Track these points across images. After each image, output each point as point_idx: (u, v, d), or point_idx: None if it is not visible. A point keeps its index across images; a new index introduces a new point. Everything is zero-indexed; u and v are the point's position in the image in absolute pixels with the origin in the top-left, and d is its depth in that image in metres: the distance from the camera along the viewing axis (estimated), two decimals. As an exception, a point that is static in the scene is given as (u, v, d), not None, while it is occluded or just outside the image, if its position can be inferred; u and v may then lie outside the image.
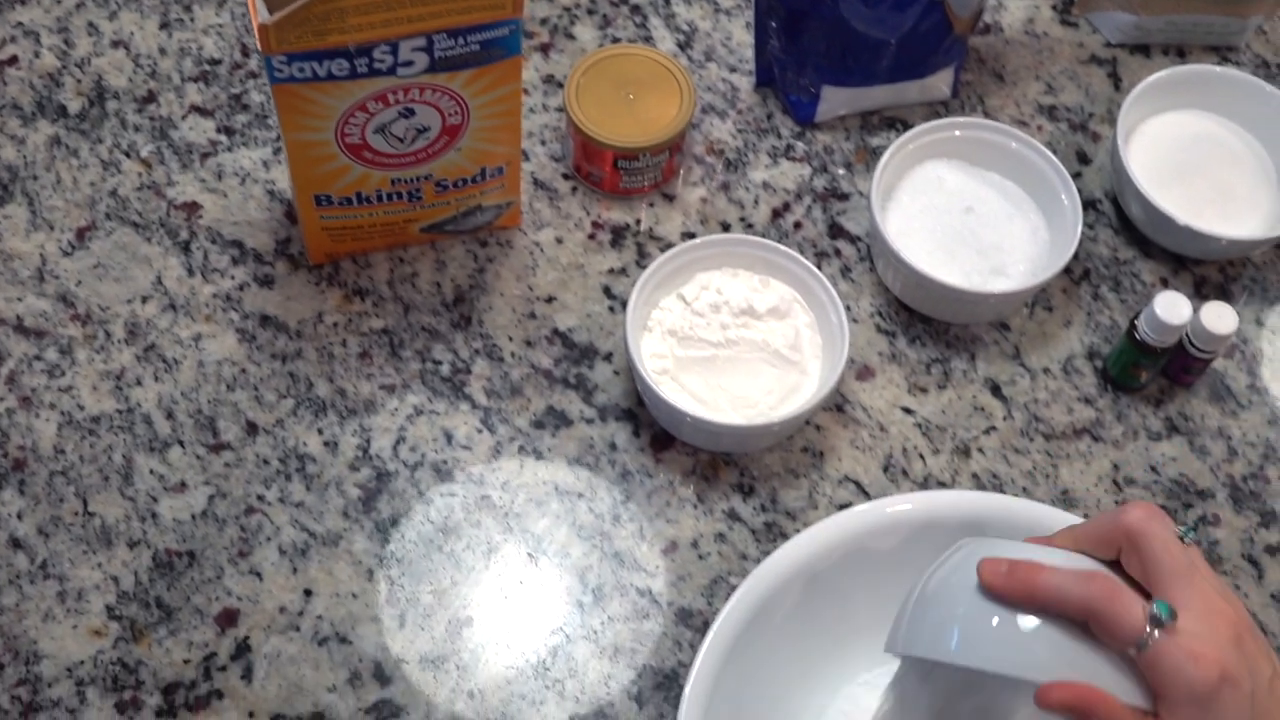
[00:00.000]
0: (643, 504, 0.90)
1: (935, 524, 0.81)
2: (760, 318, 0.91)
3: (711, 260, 0.93)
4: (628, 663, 0.85)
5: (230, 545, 0.87)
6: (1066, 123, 1.07)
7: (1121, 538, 0.66)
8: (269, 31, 0.77)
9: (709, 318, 0.91)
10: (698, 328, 0.91)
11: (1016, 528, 0.79)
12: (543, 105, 1.04)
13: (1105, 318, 0.98)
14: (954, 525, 0.81)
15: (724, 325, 0.91)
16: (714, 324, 0.91)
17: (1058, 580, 0.64)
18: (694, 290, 0.92)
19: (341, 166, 0.87)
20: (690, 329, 0.91)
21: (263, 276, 0.95)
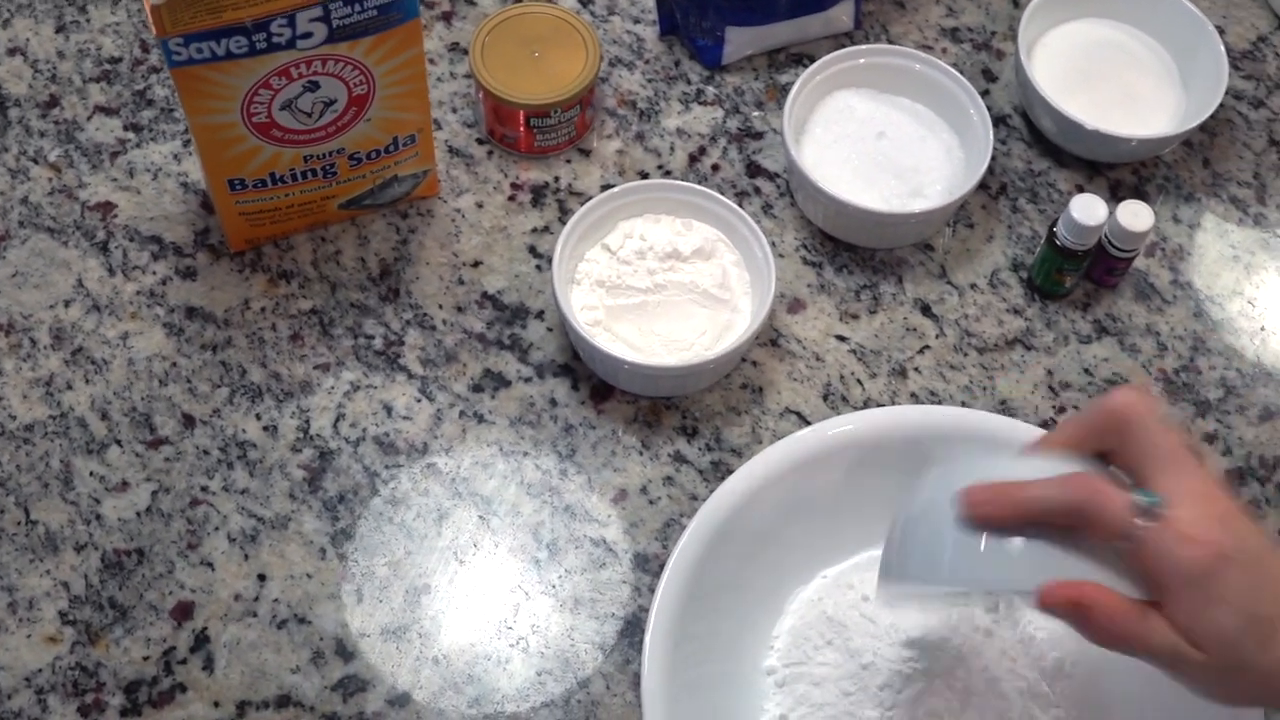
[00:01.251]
0: (588, 456, 0.90)
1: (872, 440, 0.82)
2: (686, 260, 0.92)
3: (632, 208, 0.93)
4: (589, 613, 0.85)
5: (179, 539, 0.86)
6: (970, 43, 1.08)
7: (1110, 423, 0.65)
8: (161, 13, 0.76)
9: (635, 265, 0.92)
10: (625, 276, 0.91)
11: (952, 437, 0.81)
12: (450, 74, 1.03)
13: (1026, 229, 0.99)
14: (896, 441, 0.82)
15: (651, 271, 0.91)
16: (641, 270, 0.91)
17: (1038, 492, 0.63)
18: (618, 239, 0.93)
19: (251, 148, 0.87)
20: (618, 278, 0.91)
21: (185, 269, 0.94)
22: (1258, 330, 0.97)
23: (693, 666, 0.78)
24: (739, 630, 0.82)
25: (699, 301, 0.91)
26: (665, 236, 0.92)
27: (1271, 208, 1.02)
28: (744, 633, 0.82)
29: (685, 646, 0.78)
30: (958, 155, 0.98)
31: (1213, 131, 1.04)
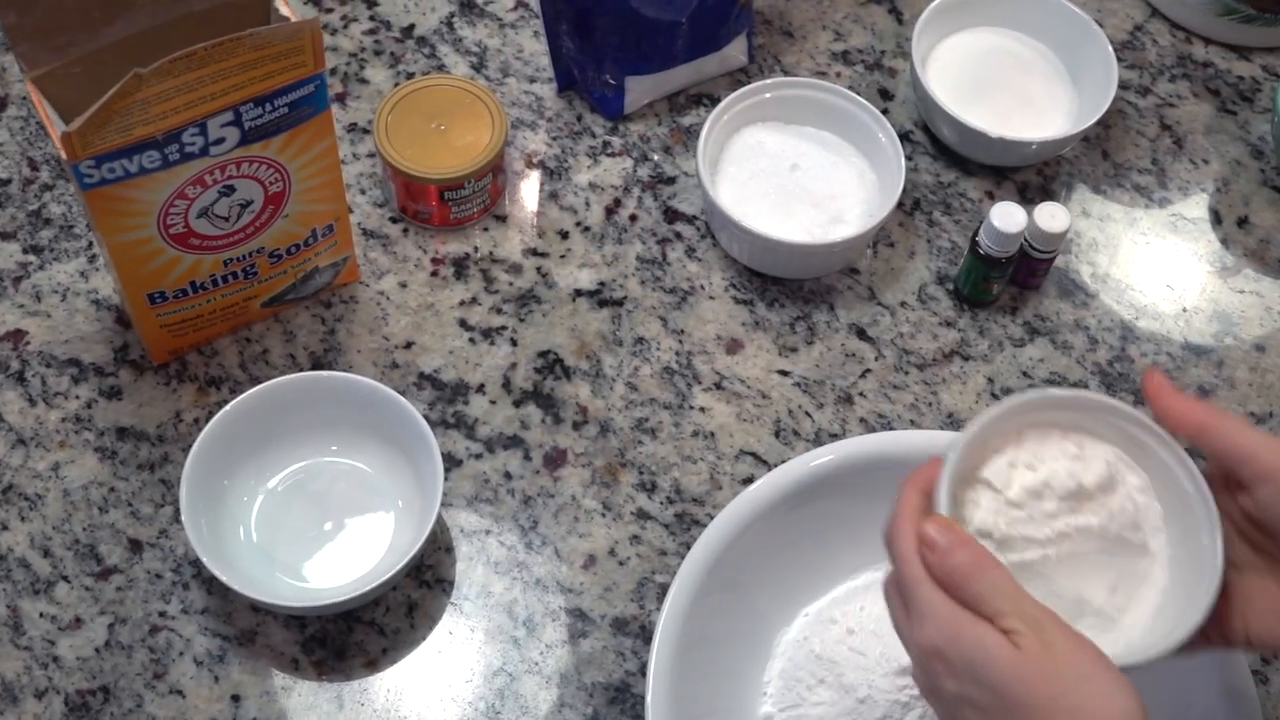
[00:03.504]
0: (551, 525, 0.89)
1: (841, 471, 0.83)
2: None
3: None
4: (577, 685, 0.84)
5: (143, 670, 0.83)
6: (862, 64, 1.09)
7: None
8: (73, 138, 0.73)
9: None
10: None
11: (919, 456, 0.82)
12: (353, 154, 1.02)
13: (945, 241, 1.01)
14: (858, 471, 0.83)
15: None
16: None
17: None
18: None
19: (170, 259, 0.84)
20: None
21: (109, 389, 0.91)
22: (1180, 311, 0.99)
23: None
24: (732, 681, 0.82)
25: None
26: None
27: (1174, 190, 1.05)
28: (736, 683, 0.82)
29: (683, 706, 0.77)
30: (870, 178, 0.99)
31: (1106, 124, 1.07)
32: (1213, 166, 1.06)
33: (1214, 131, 1.08)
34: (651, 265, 0.98)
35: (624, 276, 0.98)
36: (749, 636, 0.83)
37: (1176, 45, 1.12)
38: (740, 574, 0.82)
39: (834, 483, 0.83)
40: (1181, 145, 1.07)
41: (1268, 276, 1.02)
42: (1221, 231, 1.04)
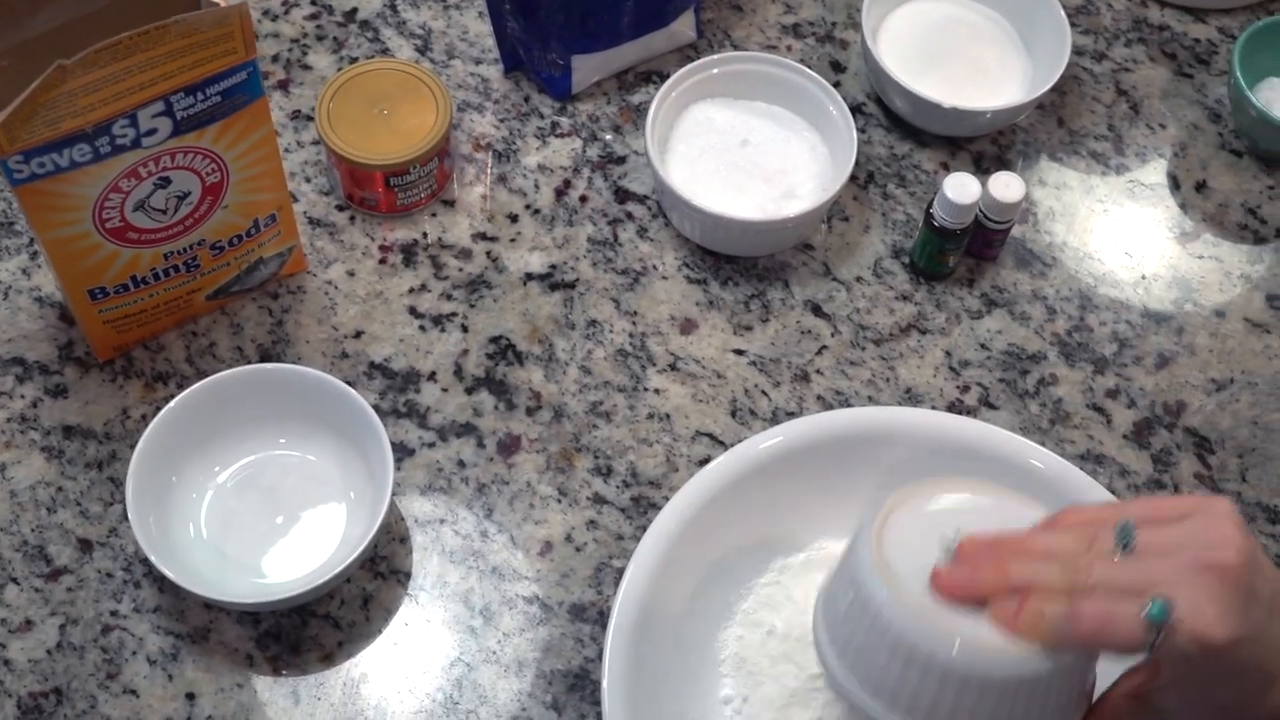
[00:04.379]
0: (507, 513, 0.88)
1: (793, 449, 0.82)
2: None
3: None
4: (535, 673, 0.83)
5: (96, 670, 0.82)
6: (813, 37, 1.07)
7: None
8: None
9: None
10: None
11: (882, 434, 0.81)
12: (297, 143, 1.00)
13: (900, 214, 1.00)
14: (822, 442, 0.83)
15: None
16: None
17: (1041, 614, 0.62)
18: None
19: (109, 254, 0.83)
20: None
21: (54, 387, 0.90)
22: (1139, 279, 0.98)
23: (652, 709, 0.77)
24: (690, 663, 0.81)
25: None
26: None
27: (1130, 156, 1.04)
28: (694, 665, 0.81)
29: (641, 690, 0.76)
30: (822, 151, 0.98)
31: (1061, 90, 1.06)
32: (1170, 131, 1.05)
33: (1171, 96, 1.07)
34: (603, 246, 0.97)
35: (575, 259, 0.96)
36: (706, 618, 0.82)
37: (1132, 9, 1.11)
38: (695, 555, 0.81)
39: (785, 462, 0.82)
40: (1138, 110, 1.06)
41: (1227, 241, 1.01)
42: (1180, 196, 1.03)
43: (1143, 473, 0.91)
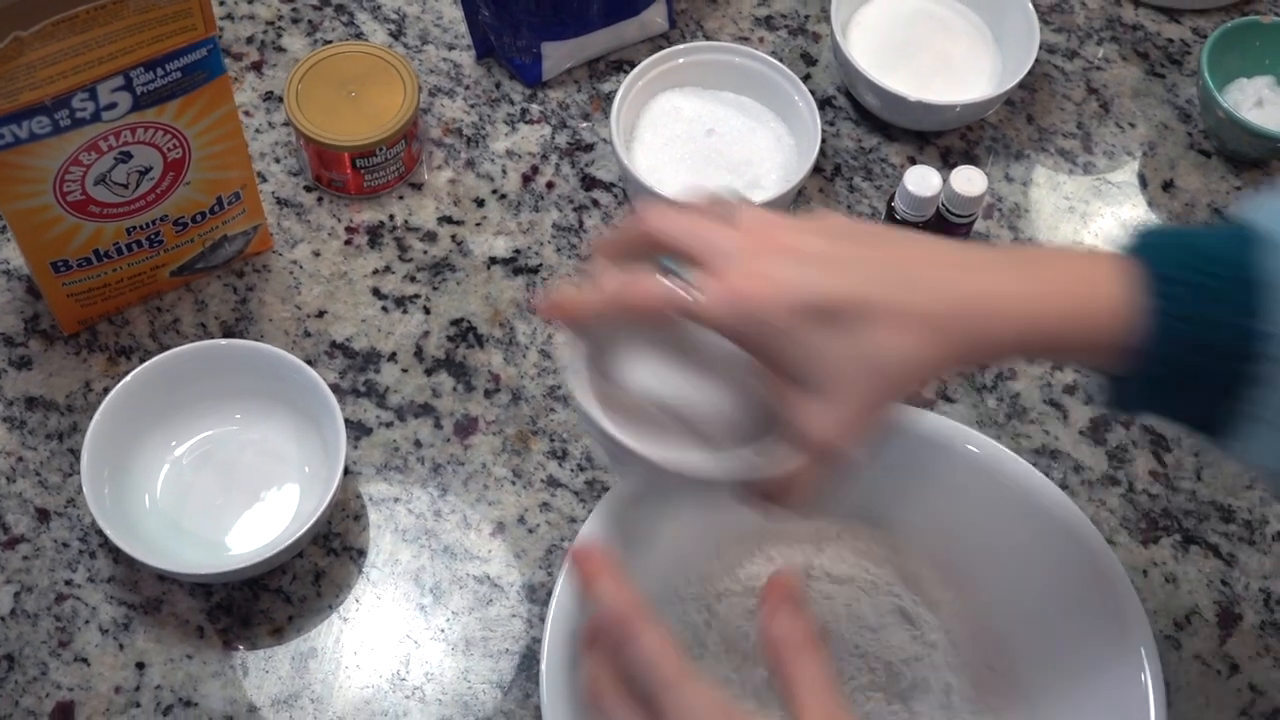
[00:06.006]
0: (460, 493, 0.88)
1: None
2: None
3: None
4: (483, 652, 0.84)
5: (49, 638, 0.83)
6: (785, 29, 1.08)
7: (642, 243, 0.67)
8: (-45, 104, 0.73)
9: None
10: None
11: None
12: (268, 124, 1.01)
13: (865, 207, 1.00)
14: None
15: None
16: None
17: (587, 299, 0.66)
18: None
19: (71, 227, 0.84)
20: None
21: (18, 359, 0.91)
22: (1100, 277, 0.99)
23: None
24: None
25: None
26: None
27: (1099, 155, 1.04)
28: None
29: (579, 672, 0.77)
30: (788, 142, 0.99)
31: (1032, 88, 1.06)
32: (1139, 130, 1.06)
33: (1141, 95, 1.07)
34: (568, 233, 0.98)
35: (539, 244, 0.97)
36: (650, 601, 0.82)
37: (1106, 8, 1.11)
38: (642, 538, 0.81)
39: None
40: (1108, 109, 1.06)
41: (1192, 240, 1.01)
42: (1147, 195, 1.03)
43: (1097, 469, 0.91)
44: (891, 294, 0.61)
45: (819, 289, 0.61)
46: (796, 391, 0.63)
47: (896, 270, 0.62)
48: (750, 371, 0.67)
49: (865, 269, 0.62)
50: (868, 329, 0.61)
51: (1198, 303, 0.60)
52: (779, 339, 0.62)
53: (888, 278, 0.62)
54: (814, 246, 0.63)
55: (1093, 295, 0.62)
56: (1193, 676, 0.85)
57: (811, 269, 0.62)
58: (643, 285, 0.64)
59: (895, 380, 0.62)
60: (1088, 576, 0.79)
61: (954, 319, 0.62)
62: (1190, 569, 0.88)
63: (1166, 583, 0.88)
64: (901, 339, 0.61)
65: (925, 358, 0.61)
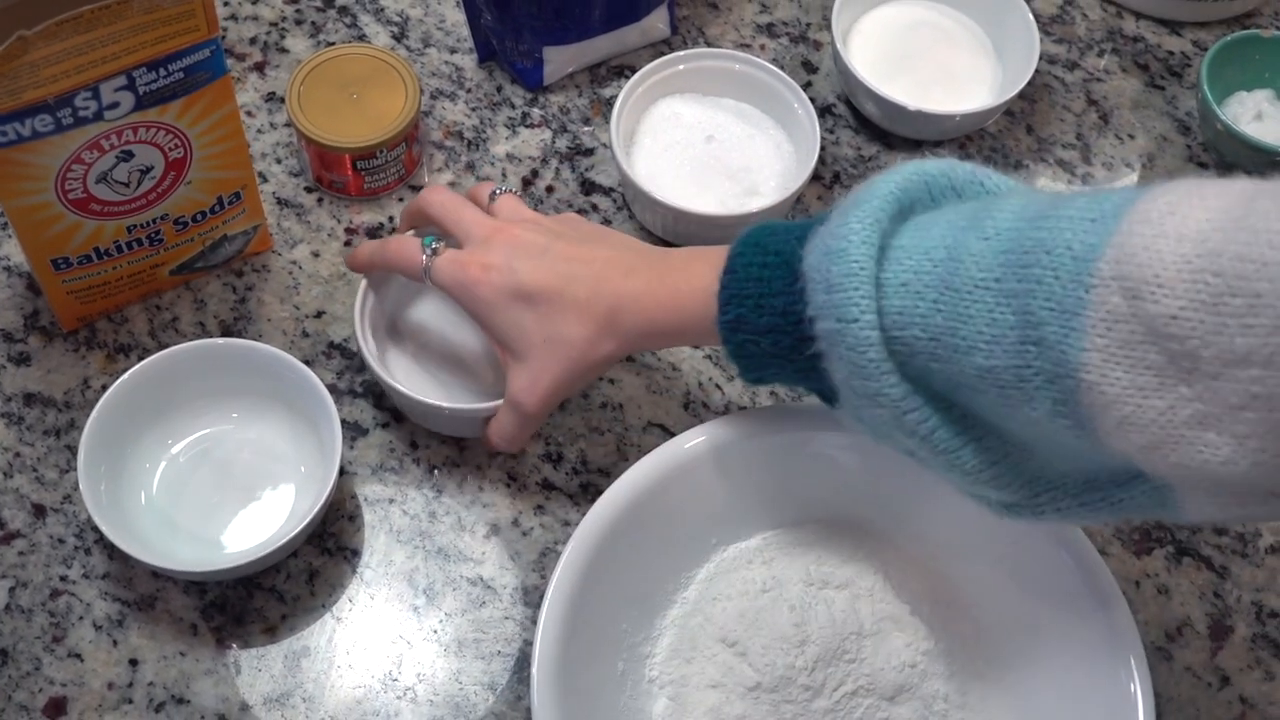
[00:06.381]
0: (455, 495, 0.89)
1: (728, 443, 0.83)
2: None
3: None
4: (475, 654, 0.84)
5: (42, 633, 0.83)
6: (787, 37, 1.08)
7: (418, 213, 0.87)
8: (-41, 101, 0.74)
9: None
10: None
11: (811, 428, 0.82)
12: (270, 124, 1.01)
13: (863, 215, 1.00)
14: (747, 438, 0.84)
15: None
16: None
17: (367, 248, 0.87)
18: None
19: (72, 225, 0.84)
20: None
21: (17, 355, 0.91)
22: (1097, 288, 0.99)
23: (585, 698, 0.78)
24: (620, 650, 0.82)
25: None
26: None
27: (1098, 166, 1.04)
28: (625, 651, 0.82)
29: (573, 674, 0.77)
30: (787, 150, 0.99)
31: (1032, 99, 1.06)
32: (1139, 142, 1.06)
33: (1141, 107, 1.07)
34: (566, 236, 0.98)
35: (538, 247, 0.97)
36: (639, 605, 0.83)
37: (1107, 19, 1.11)
38: (635, 541, 0.82)
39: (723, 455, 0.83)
40: (1108, 120, 1.07)
41: (1189, 252, 1.01)
42: (1145, 207, 1.03)
43: (1091, 479, 0.92)
44: (573, 290, 0.78)
45: (523, 278, 0.79)
46: (508, 355, 0.81)
47: (583, 269, 0.79)
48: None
49: (564, 267, 0.79)
50: (555, 314, 0.78)
51: (753, 296, 0.71)
52: (486, 309, 0.80)
53: (575, 275, 0.78)
54: (536, 243, 0.80)
55: (690, 290, 0.75)
56: (1184, 688, 0.85)
57: (525, 261, 0.79)
58: (395, 245, 0.85)
59: (574, 357, 0.79)
60: (1078, 587, 0.80)
61: (607, 312, 0.77)
62: (1182, 581, 0.89)
63: (1158, 594, 0.88)
64: (576, 325, 0.78)
65: (589, 338, 0.78)
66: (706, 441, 0.83)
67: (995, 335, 0.62)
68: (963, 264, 0.63)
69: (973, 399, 0.66)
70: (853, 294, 0.65)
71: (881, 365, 0.66)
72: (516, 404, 0.81)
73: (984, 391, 0.64)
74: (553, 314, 0.78)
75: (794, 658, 0.79)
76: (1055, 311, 0.60)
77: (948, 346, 0.64)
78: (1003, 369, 0.62)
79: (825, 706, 0.79)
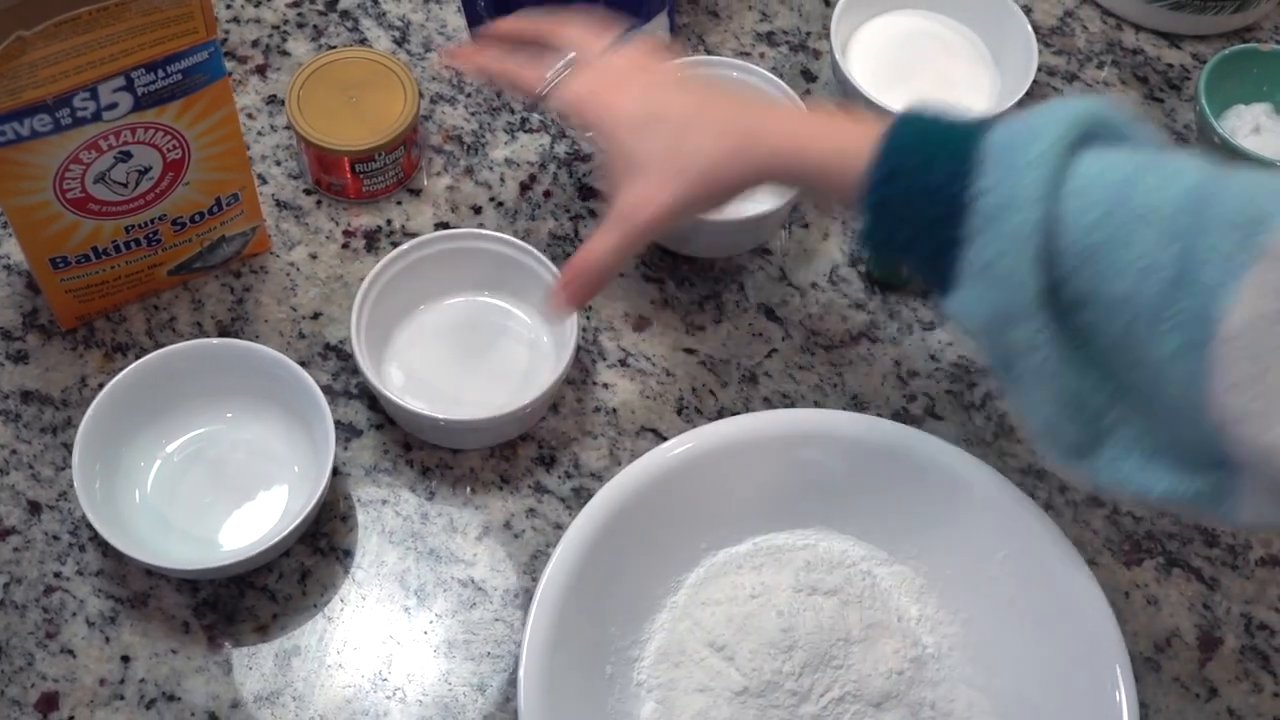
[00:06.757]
0: (448, 496, 0.89)
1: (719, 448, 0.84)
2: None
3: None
4: (464, 655, 0.84)
5: (35, 629, 0.84)
6: (787, 45, 1.09)
7: (547, 41, 0.88)
8: (-42, 99, 0.74)
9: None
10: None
11: (796, 435, 0.84)
12: (270, 126, 1.02)
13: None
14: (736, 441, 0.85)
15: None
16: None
17: (486, 55, 0.89)
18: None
19: (70, 224, 0.85)
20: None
21: (16, 353, 0.92)
22: (1092, 299, 0.99)
23: (573, 701, 0.78)
24: (609, 654, 0.82)
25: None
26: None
27: (1094, 178, 1.05)
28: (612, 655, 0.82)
29: (561, 677, 0.78)
30: (785, 158, 0.99)
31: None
32: (1136, 154, 1.06)
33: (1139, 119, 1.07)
34: (563, 242, 0.99)
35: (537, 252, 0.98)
36: (628, 609, 0.83)
37: (1107, 31, 1.12)
38: (626, 545, 0.82)
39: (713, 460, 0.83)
40: (1106, 132, 1.07)
41: (1185, 264, 1.01)
42: (1142, 219, 1.03)
43: (1083, 489, 0.92)
44: (708, 113, 0.79)
45: (658, 100, 0.80)
46: (624, 175, 0.80)
47: (719, 101, 0.81)
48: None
49: (700, 96, 0.81)
50: (687, 132, 0.78)
51: (918, 161, 0.70)
52: (612, 127, 0.80)
53: (711, 103, 0.80)
54: (670, 77, 0.83)
55: (846, 139, 0.74)
56: (1171, 699, 0.85)
57: (660, 90, 0.81)
58: (527, 64, 0.87)
59: (701, 172, 0.77)
60: (1065, 596, 0.80)
61: (743, 133, 0.77)
62: (1172, 592, 0.89)
63: (1148, 605, 0.88)
64: (708, 141, 0.77)
65: (721, 156, 0.77)
66: (697, 447, 0.84)
67: (1149, 265, 0.63)
68: (1137, 192, 0.64)
69: (1094, 322, 0.66)
70: (1031, 179, 0.65)
71: (1034, 256, 0.66)
72: (625, 218, 0.79)
73: (1112, 318, 0.65)
74: (685, 131, 0.78)
75: (781, 663, 0.80)
76: (1219, 259, 0.61)
77: (1099, 264, 0.65)
78: (1145, 300, 0.63)
79: (812, 712, 0.80)
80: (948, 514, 0.84)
